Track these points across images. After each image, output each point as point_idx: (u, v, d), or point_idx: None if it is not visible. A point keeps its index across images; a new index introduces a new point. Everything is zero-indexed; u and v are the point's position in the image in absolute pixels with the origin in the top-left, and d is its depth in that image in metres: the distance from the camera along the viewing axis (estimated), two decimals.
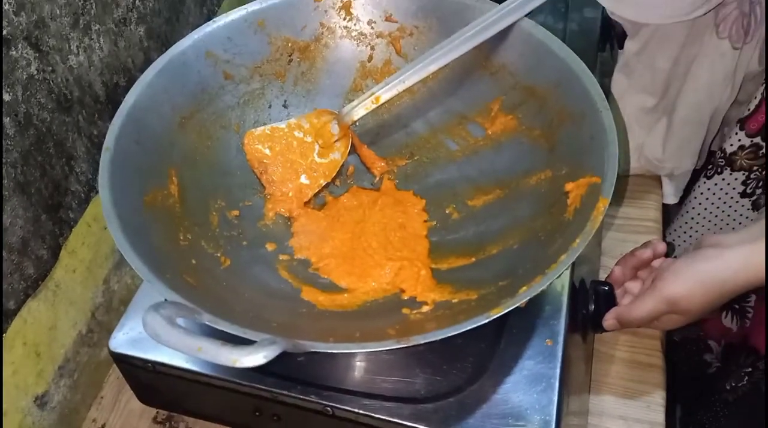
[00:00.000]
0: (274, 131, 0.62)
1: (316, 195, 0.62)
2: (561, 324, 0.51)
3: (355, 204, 0.61)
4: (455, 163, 0.62)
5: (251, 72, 0.63)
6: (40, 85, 0.52)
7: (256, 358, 0.36)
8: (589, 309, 0.55)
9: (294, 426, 0.53)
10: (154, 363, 0.52)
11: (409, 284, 0.53)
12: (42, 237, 0.54)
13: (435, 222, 0.59)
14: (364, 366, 0.51)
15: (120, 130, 0.52)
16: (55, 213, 0.56)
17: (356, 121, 0.61)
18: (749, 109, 0.67)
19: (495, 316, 0.41)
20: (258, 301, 0.51)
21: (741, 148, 0.69)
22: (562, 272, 0.43)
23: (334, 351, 0.41)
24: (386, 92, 0.58)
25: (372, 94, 0.58)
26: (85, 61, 0.57)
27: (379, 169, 0.63)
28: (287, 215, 0.60)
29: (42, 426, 0.57)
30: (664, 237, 0.78)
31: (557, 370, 0.49)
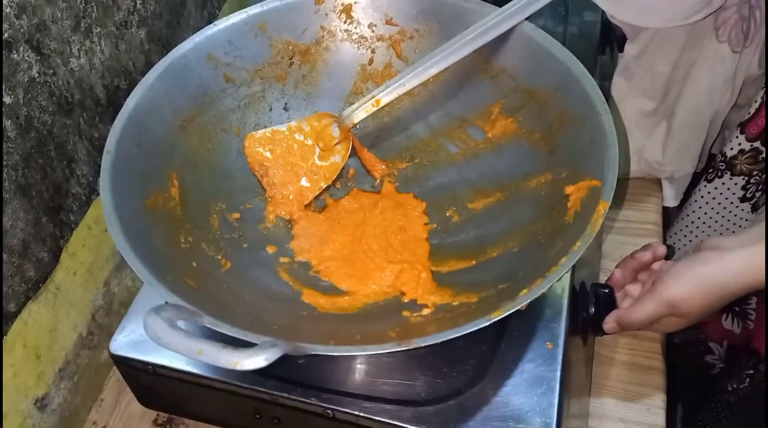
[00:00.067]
0: (274, 134, 0.62)
1: (316, 197, 0.62)
2: (561, 327, 0.51)
3: (355, 207, 0.61)
4: (455, 166, 0.62)
5: (252, 75, 0.63)
6: (42, 87, 0.52)
7: (257, 361, 0.36)
8: (589, 312, 0.55)
9: None
10: (155, 366, 0.52)
11: (409, 287, 0.53)
12: (43, 239, 0.54)
13: (435, 225, 0.59)
14: (364, 368, 0.51)
15: (121, 133, 0.52)
16: (55, 215, 0.56)
17: (357, 124, 0.61)
18: (749, 113, 0.67)
19: (495, 319, 0.41)
20: (259, 304, 0.51)
21: (741, 151, 0.69)
22: (563, 275, 0.43)
23: (334, 354, 0.41)
24: (387, 95, 0.58)
25: (372, 97, 0.59)
26: (86, 64, 0.57)
27: (379, 171, 0.63)
28: (288, 218, 0.60)
29: None
30: (664, 241, 0.78)
31: (558, 373, 0.49)
